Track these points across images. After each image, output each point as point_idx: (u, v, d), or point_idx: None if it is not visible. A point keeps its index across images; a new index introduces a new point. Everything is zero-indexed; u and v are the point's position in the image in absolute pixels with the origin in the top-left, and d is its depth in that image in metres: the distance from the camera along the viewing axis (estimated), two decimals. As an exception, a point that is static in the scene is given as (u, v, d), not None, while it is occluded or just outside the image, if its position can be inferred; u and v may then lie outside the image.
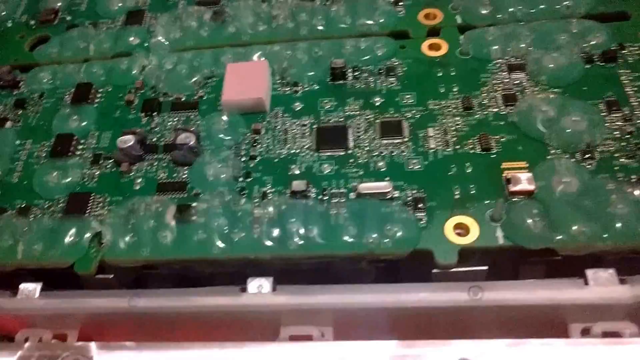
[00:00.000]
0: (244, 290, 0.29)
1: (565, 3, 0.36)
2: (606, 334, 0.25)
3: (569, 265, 0.28)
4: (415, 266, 0.29)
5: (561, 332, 0.27)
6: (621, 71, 0.33)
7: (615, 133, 0.30)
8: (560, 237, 0.27)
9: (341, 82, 0.35)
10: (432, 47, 0.36)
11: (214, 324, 0.30)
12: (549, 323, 0.27)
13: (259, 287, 0.29)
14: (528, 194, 0.28)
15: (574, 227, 0.27)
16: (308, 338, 0.27)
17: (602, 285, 0.26)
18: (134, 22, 0.42)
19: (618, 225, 0.27)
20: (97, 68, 0.39)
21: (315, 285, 0.29)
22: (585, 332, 0.26)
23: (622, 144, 0.30)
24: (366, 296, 0.28)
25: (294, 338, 0.28)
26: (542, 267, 0.29)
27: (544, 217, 0.27)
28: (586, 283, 0.27)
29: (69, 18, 0.44)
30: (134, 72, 0.39)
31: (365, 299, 0.28)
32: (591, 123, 0.30)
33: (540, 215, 0.28)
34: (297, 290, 0.29)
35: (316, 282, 0.29)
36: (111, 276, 0.30)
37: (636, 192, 0.27)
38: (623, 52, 0.34)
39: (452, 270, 0.28)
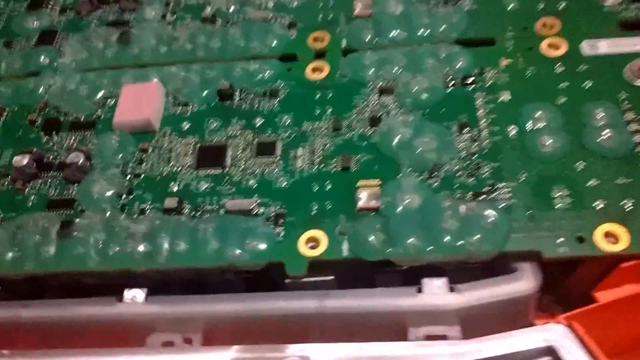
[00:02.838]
0: (120, 300, 0.32)
1: (440, 29, 0.39)
2: (430, 337, 0.28)
3: (416, 275, 0.31)
4: (281, 277, 0.32)
5: (403, 336, 0.30)
6: (477, 94, 0.36)
7: (461, 153, 0.33)
8: (392, 249, 0.30)
9: (228, 102, 0.38)
10: (315, 70, 0.39)
11: (94, 332, 0.32)
12: (392, 328, 0.30)
13: (133, 297, 0.31)
14: (374, 210, 0.31)
15: (408, 241, 0.30)
16: (170, 344, 0.30)
17: (433, 293, 0.29)
18: (45, 41, 0.44)
19: (446, 239, 0.30)
20: (5, 88, 0.41)
21: (184, 295, 0.31)
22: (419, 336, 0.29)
23: (466, 163, 0.33)
24: (228, 305, 0.31)
25: (163, 344, 0.30)
26: (397, 276, 0.32)
27: (385, 231, 0.30)
28: (420, 291, 0.30)
29: (-14, 36, 0.46)
30: (40, 92, 0.41)
31: (226, 308, 0.31)
32: (441, 144, 0.33)
33: (381, 229, 0.30)
34: (167, 300, 0.31)
35: (191, 293, 0.32)
36: (-1, 288, 0.33)
37: (462, 209, 0.30)
38: (482, 76, 0.36)
39: (304, 280, 0.30)
